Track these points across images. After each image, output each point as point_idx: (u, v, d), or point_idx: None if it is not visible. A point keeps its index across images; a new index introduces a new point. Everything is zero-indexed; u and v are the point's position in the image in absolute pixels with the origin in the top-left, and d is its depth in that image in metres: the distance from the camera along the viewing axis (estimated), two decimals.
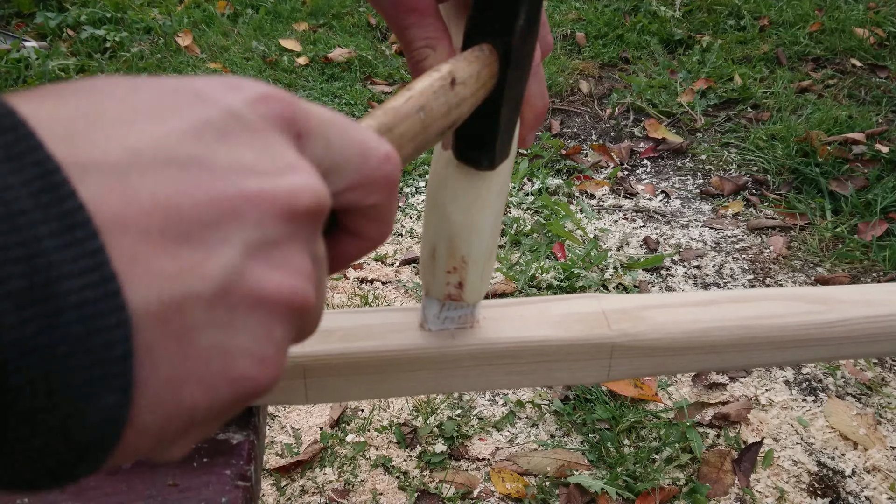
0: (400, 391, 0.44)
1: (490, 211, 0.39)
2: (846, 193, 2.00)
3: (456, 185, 0.38)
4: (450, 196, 0.38)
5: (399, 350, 0.42)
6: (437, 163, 0.39)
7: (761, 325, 0.45)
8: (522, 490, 1.29)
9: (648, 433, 1.39)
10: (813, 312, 0.46)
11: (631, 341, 0.44)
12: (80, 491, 0.39)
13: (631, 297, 0.47)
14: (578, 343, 0.44)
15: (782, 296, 0.47)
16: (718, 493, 1.29)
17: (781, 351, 0.46)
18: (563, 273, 1.77)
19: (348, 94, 2.61)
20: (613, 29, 3.00)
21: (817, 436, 1.40)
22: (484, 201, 0.39)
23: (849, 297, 0.47)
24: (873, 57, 2.71)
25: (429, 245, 0.41)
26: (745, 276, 1.80)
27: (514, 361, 0.44)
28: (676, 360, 0.45)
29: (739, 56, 2.79)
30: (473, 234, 0.39)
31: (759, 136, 2.29)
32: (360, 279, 1.78)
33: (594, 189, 2.15)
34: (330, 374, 0.42)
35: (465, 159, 0.39)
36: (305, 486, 1.30)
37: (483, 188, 0.38)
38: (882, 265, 1.79)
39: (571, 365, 0.44)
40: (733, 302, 0.46)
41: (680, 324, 0.44)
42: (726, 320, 0.45)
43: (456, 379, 0.44)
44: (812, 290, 0.48)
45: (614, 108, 2.54)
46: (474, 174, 0.38)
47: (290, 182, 0.22)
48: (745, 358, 0.46)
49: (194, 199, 0.20)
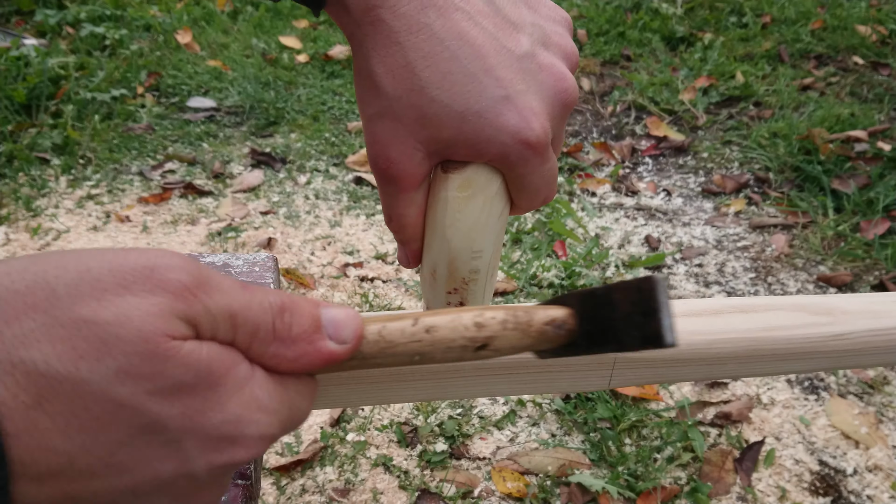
0: (400, 398, 0.44)
1: (491, 234, 0.39)
2: (848, 191, 2.00)
3: (456, 208, 0.37)
4: (450, 220, 0.38)
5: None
6: (436, 185, 0.38)
7: (765, 337, 0.45)
8: (523, 489, 1.28)
9: (650, 432, 1.39)
10: (818, 325, 0.45)
11: (634, 354, 0.43)
12: None
13: None
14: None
15: (787, 305, 0.47)
16: (720, 493, 1.28)
17: (784, 362, 0.46)
18: (564, 271, 1.76)
19: (349, 91, 2.60)
20: (615, 26, 3.00)
21: (819, 435, 1.39)
22: (485, 225, 0.38)
23: (854, 307, 0.46)
24: (875, 54, 2.71)
25: (429, 266, 0.40)
26: (747, 275, 1.80)
27: (517, 371, 0.44)
28: (679, 371, 0.45)
29: (741, 53, 2.78)
30: (474, 257, 0.39)
31: (761, 134, 2.29)
32: (360, 277, 1.77)
33: (595, 187, 2.15)
34: (330, 384, 0.42)
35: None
36: (306, 485, 1.30)
37: (485, 211, 0.38)
38: (884, 263, 1.79)
39: (573, 374, 0.44)
40: (738, 312, 0.46)
41: (684, 335, 0.44)
42: (730, 332, 0.44)
43: (457, 387, 0.44)
44: (817, 299, 0.48)
45: (616, 106, 2.54)
46: (474, 198, 0.37)
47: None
48: (747, 369, 0.46)
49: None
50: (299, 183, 2.14)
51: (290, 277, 1.75)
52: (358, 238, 1.92)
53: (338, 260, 1.83)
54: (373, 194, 2.10)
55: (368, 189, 2.13)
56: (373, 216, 2.01)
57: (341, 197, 2.08)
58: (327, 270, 1.79)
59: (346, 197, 2.08)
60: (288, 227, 1.95)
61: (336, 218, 1.99)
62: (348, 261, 1.82)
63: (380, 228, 1.96)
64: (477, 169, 0.37)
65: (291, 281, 1.74)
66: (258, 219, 1.98)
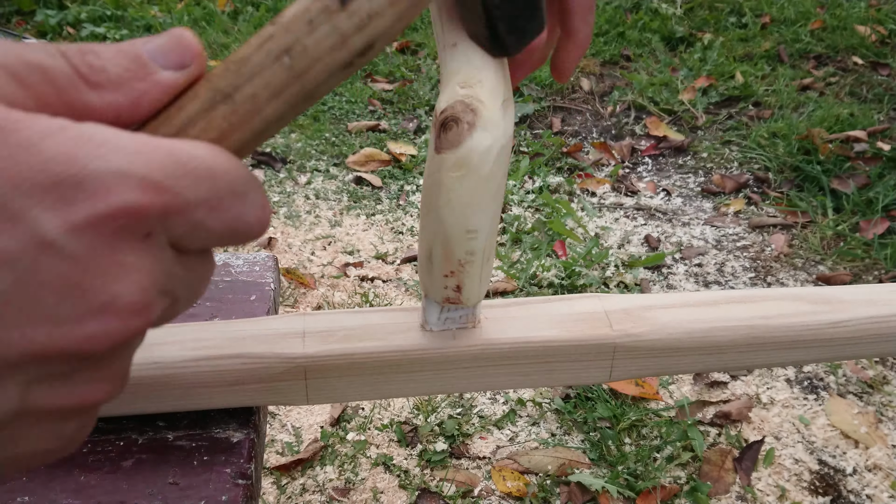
0: (401, 392, 0.44)
1: (486, 214, 0.38)
2: (848, 191, 2.00)
3: (450, 188, 0.37)
4: (444, 200, 0.37)
5: (400, 351, 0.42)
6: (430, 165, 0.38)
7: (765, 325, 0.45)
8: (523, 488, 1.28)
9: (649, 431, 1.39)
10: (817, 312, 0.45)
11: (633, 342, 0.43)
12: (81, 489, 0.39)
13: (633, 297, 0.46)
14: (580, 343, 0.43)
15: (786, 296, 0.47)
16: (720, 492, 1.29)
17: (784, 351, 0.46)
18: (564, 271, 1.76)
19: (349, 91, 2.60)
20: (615, 26, 3.00)
21: (819, 434, 1.39)
22: (479, 205, 0.37)
23: (852, 296, 0.47)
24: (875, 54, 2.71)
25: (425, 248, 0.40)
26: (747, 275, 1.80)
27: (516, 362, 0.44)
28: (679, 361, 0.45)
29: (741, 53, 2.78)
30: (469, 237, 0.38)
31: (761, 134, 2.29)
32: (360, 277, 1.77)
33: (595, 187, 2.15)
34: (331, 375, 0.42)
35: (475, 39, 0.34)
36: (306, 485, 1.30)
37: (479, 191, 0.37)
38: (884, 263, 1.79)
39: (573, 366, 0.44)
40: (736, 302, 0.46)
41: (683, 324, 0.44)
42: (729, 320, 0.44)
43: (457, 379, 0.44)
44: (815, 290, 0.48)
45: (615, 106, 2.54)
46: (468, 177, 0.36)
47: (90, 330, 0.21)
48: (748, 358, 0.46)
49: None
50: (299, 183, 2.14)
51: (291, 277, 1.75)
52: (358, 238, 1.92)
53: (338, 260, 1.83)
54: (373, 194, 2.11)
55: (368, 189, 2.13)
56: (373, 216, 2.01)
57: (341, 197, 2.09)
58: (327, 270, 1.79)
59: (346, 197, 2.09)
60: (288, 226, 1.95)
61: (336, 218, 2.00)
62: (348, 260, 1.82)
63: (380, 228, 1.96)
64: (471, 147, 0.36)
65: (292, 280, 1.74)
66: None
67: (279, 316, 0.44)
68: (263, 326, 0.42)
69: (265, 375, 0.41)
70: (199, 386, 0.41)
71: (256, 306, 0.51)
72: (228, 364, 0.40)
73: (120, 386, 0.24)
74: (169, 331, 0.42)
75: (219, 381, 0.41)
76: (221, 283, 0.53)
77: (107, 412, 0.42)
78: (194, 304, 0.25)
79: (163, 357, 0.40)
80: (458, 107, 0.36)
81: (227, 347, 0.41)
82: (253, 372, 0.41)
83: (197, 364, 0.40)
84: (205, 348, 0.41)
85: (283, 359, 0.41)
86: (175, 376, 0.40)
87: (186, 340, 0.41)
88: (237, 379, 0.41)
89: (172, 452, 0.41)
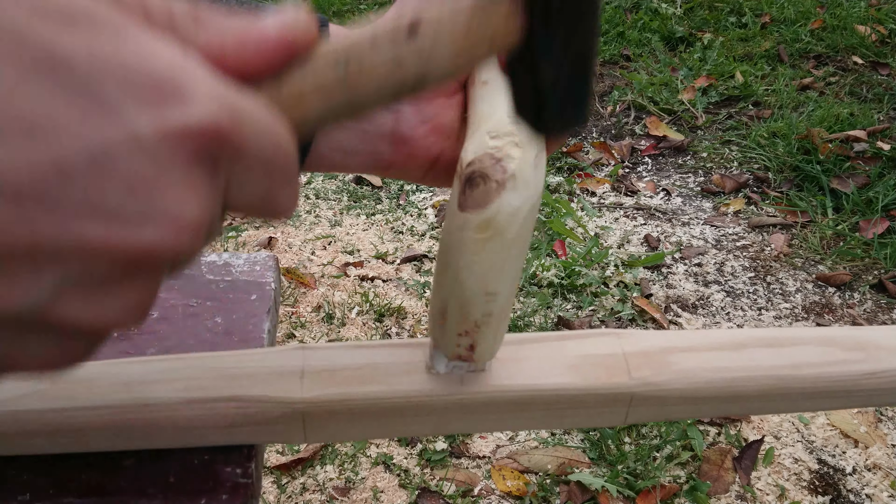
0: (404, 432, 0.42)
1: (508, 277, 0.35)
2: (847, 191, 2.00)
3: (473, 251, 0.34)
4: (465, 262, 0.34)
5: (404, 397, 0.40)
6: (451, 222, 0.35)
7: (792, 375, 0.42)
8: (523, 488, 1.29)
9: (649, 431, 1.39)
10: (849, 362, 0.42)
11: (652, 391, 0.41)
12: (82, 488, 0.39)
13: (653, 335, 0.43)
14: (595, 392, 0.41)
15: (816, 339, 0.44)
16: (719, 491, 1.29)
17: (810, 400, 0.43)
18: (564, 271, 1.77)
19: None
20: (614, 26, 3.00)
21: (818, 434, 1.39)
22: (501, 268, 0.35)
23: (889, 342, 0.43)
24: (875, 54, 2.71)
25: (438, 304, 0.37)
26: (746, 274, 1.80)
27: (526, 409, 0.41)
28: (699, 409, 0.43)
29: (741, 53, 2.78)
30: (488, 300, 0.36)
31: (761, 134, 2.29)
32: (360, 277, 1.78)
33: (595, 187, 2.15)
34: (331, 420, 0.40)
35: (520, 115, 0.32)
36: (306, 484, 1.30)
37: (502, 254, 0.34)
38: (883, 263, 1.79)
39: (587, 412, 0.42)
40: (764, 346, 0.43)
41: (705, 372, 0.41)
42: (755, 370, 0.42)
43: (464, 423, 0.42)
44: (848, 332, 0.44)
45: (615, 106, 2.54)
46: (494, 239, 0.34)
47: (146, 236, 0.20)
48: (771, 406, 0.44)
49: (13, 237, 0.18)
50: (299, 182, 2.14)
51: (291, 277, 1.75)
52: (358, 238, 1.92)
53: (338, 259, 1.83)
54: (373, 194, 2.11)
55: (368, 189, 2.13)
56: (373, 216, 2.01)
57: (341, 196, 2.09)
58: (327, 270, 1.79)
59: (346, 196, 2.09)
60: (288, 226, 1.95)
61: (336, 217, 2.00)
62: (348, 260, 1.83)
63: (380, 228, 1.97)
64: (499, 209, 0.33)
65: (292, 280, 1.74)
66: (259, 218, 1.98)
67: (277, 349, 0.42)
68: (259, 363, 0.40)
69: (261, 419, 0.39)
70: (193, 428, 0.39)
71: (257, 306, 0.51)
72: (222, 407, 0.38)
73: (141, 317, 0.23)
74: (159, 366, 0.40)
75: (212, 424, 0.39)
76: (222, 282, 0.53)
77: (104, 447, 0.40)
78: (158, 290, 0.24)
79: (154, 398, 0.38)
80: (487, 161, 0.33)
81: (221, 388, 0.39)
82: (249, 416, 0.39)
83: (189, 406, 0.38)
84: (198, 389, 0.39)
85: (280, 402, 0.38)
86: (167, 419, 0.38)
87: (178, 379, 0.39)
88: (232, 422, 0.39)
89: (173, 452, 0.41)
